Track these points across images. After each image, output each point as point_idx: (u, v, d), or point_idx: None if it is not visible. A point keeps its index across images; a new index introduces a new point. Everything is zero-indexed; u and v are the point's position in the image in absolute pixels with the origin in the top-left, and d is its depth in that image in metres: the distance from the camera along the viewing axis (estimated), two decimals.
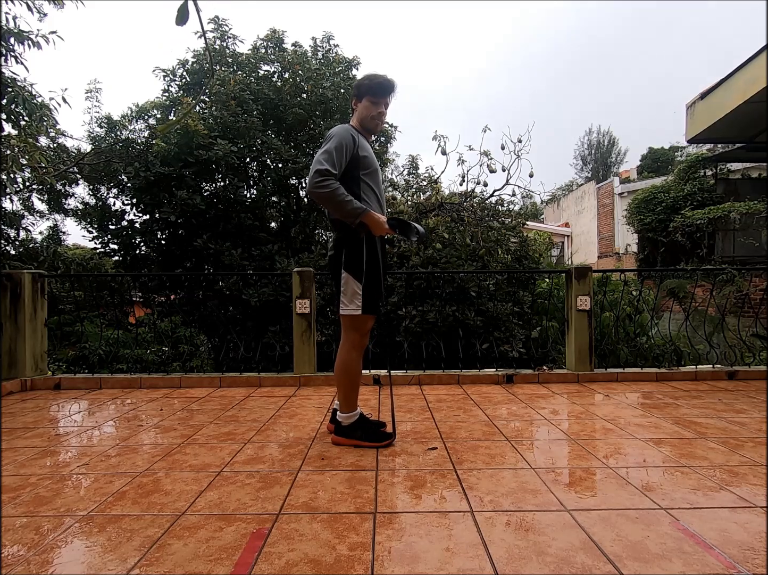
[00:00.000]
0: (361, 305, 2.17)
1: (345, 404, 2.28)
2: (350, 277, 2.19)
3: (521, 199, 9.09)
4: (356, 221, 2.10)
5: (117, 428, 2.69)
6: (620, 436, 2.39)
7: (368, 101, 2.24)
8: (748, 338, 4.67)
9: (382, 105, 2.27)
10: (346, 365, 2.26)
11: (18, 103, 5.06)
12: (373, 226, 2.14)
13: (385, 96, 2.27)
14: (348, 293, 2.19)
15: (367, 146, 2.27)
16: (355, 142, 2.16)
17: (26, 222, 9.50)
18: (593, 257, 19.52)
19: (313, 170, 2.04)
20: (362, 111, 2.26)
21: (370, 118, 2.26)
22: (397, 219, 2.21)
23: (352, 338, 2.25)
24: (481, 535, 1.42)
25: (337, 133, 2.14)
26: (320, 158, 2.06)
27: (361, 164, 2.20)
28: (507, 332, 5.55)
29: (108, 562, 1.31)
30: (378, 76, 2.25)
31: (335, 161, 2.06)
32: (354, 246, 2.19)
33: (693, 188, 11.72)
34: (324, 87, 6.99)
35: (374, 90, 2.24)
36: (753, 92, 7.81)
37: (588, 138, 32.93)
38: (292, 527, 1.48)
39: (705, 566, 1.25)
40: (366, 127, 2.29)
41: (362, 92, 2.25)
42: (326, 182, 2.02)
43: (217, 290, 6.10)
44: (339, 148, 2.09)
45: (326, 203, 2.09)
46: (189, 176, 6.27)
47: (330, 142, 2.10)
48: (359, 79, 2.30)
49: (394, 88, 2.28)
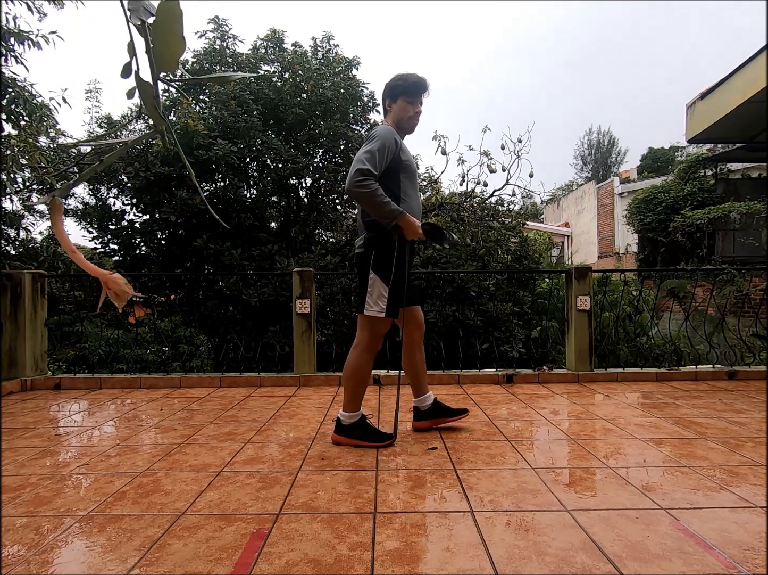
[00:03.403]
0: (385, 308, 2.16)
1: (349, 404, 2.28)
2: (378, 278, 2.18)
3: (521, 199, 9.12)
4: (392, 222, 2.11)
5: (117, 428, 2.69)
6: (620, 436, 2.39)
7: (403, 101, 2.26)
8: (748, 338, 4.67)
9: (417, 104, 2.29)
10: (357, 367, 2.25)
11: (18, 103, 5.06)
12: (407, 229, 2.15)
13: (419, 95, 2.29)
14: (374, 295, 2.18)
15: (407, 149, 2.29)
16: (397, 144, 2.19)
17: (26, 222, 9.49)
18: (593, 257, 19.52)
19: (354, 168, 2.05)
20: (398, 112, 2.27)
21: (408, 118, 2.28)
22: (431, 224, 2.23)
23: (368, 340, 2.24)
24: (481, 535, 1.42)
25: (381, 134, 2.14)
26: (362, 157, 2.07)
27: (402, 167, 2.22)
28: (507, 332, 5.55)
29: (108, 562, 1.31)
30: (411, 75, 2.27)
31: (377, 162, 2.07)
32: (385, 248, 2.19)
33: (693, 188, 11.72)
34: (324, 87, 6.98)
35: (409, 90, 2.25)
36: (753, 92, 7.81)
37: (588, 138, 32.95)
38: (292, 527, 1.48)
39: (705, 566, 1.25)
40: (402, 128, 2.31)
41: (397, 93, 2.26)
42: (366, 181, 2.03)
43: (217, 290, 6.10)
44: (382, 149, 2.10)
45: (364, 202, 2.10)
46: (189, 176, 6.26)
47: (373, 142, 2.11)
48: (392, 80, 2.30)
49: (428, 86, 2.30)
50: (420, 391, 2.48)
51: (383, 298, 2.16)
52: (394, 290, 2.18)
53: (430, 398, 2.48)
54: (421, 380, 2.48)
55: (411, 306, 2.38)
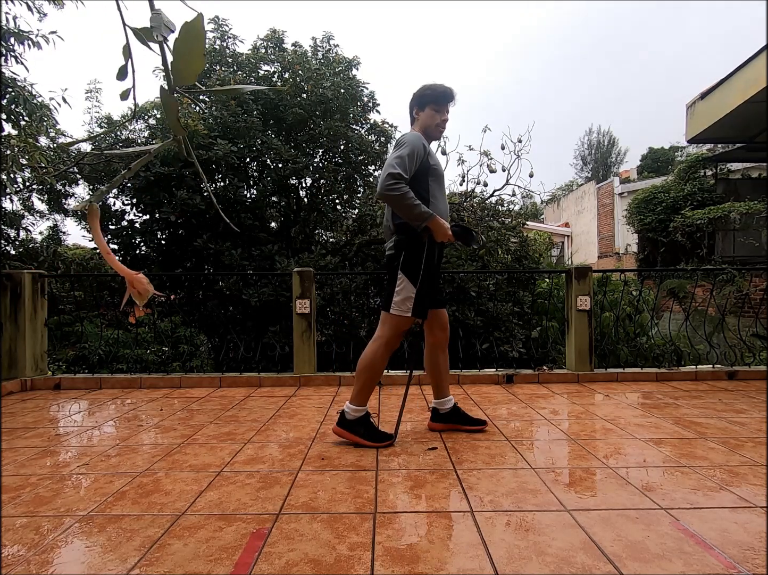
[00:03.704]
0: (411, 308, 2.23)
1: (356, 397, 2.29)
2: (407, 279, 2.25)
3: (521, 199, 9.12)
4: (422, 224, 2.18)
5: (117, 428, 2.69)
6: (620, 436, 2.39)
7: (431, 110, 2.35)
8: (748, 338, 4.67)
9: (444, 112, 2.39)
10: (373, 360, 2.28)
11: (18, 103, 5.06)
12: (437, 231, 2.21)
13: (446, 104, 2.39)
14: (402, 295, 2.25)
15: (435, 154, 2.39)
16: (425, 150, 2.27)
17: (26, 222, 9.49)
18: (593, 257, 19.52)
19: (386, 172, 2.14)
20: (426, 120, 2.36)
21: (435, 126, 2.37)
22: (461, 226, 2.31)
23: (389, 336, 2.28)
24: (481, 535, 1.42)
25: (410, 140, 2.23)
26: (393, 161, 2.16)
27: (431, 171, 2.31)
28: (507, 332, 5.55)
29: (108, 562, 1.31)
30: (439, 85, 2.38)
31: (407, 166, 2.16)
32: (414, 249, 2.26)
33: (693, 188, 11.72)
34: (324, 87, 6.98)
35: (437, 99, 2.35)
36: (753, 92, 7.81)
37: (588, 138, 32.95)
38: (292, 527, 1.48)
39: (705, 566, 1.25)
40: (429, 135, 2.39)
41: (425, 102, 2.36)
42: (397, 185, 2.11)
43: (217, 290, 6.10)
44: (411, 154, 2.18)
45: (396, 204, 2.18)
46: (189, 176, 6.27)
47: (403, 148, 2.20)
48: (420, 89, 2.39)
49: (455, 96, 2.40)
50: (441, 393, 2.51)
51: (410, 299, 2.23)
52: (422, 291, 2.24)
53: (451, 401, 2.50)
54: (443, 383, 2.51)
55: (437, 308, 2.43)
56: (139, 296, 0.86)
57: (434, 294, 2.38)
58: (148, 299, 0.86)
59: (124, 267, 0.85)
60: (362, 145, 7.24)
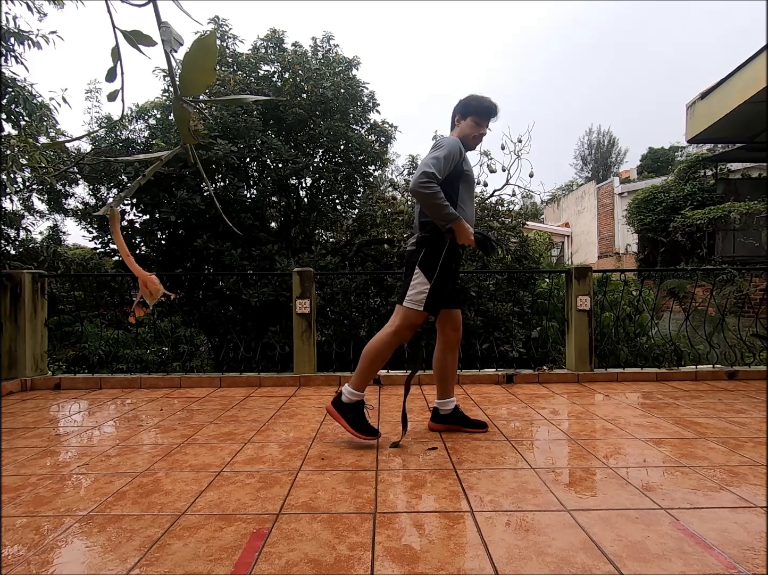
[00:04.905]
0: (423, 303, 2.26)
1: (356, 379, 2.30)
2: (423, 275, 2.29)
3: (521, 199, 9.11)
4: (447, 225, 2.23)
5: (117, 428, 2.69)
6: (620, 436, 2.39)
7: (472, 121, 2.39)
8: (748, 338, 4.67)
9: (484, 126, 2.43)
10: (379, 348, 2.29)
11: (18, 103, 5.07)
12: (461, 233, 2.26)
13: (489, 119, 2.44)
14: (416, 289, 2.28)
15: (469, 160, 2.44)
16: (461, 155, 2.32)
17: (26, 222, 9.50)
18: (593, 257, 19.51)
19: (421, 170, 2.18)
20: (465, 129, 2.40)
21: (472, 137, 2.42)
22: (483, 235, 2.34)
23: (399, 326, 2.30)
24: (481, 535, 1.42)
25: (449, 144, 2.28)
26: (429, 161, 2.20)
27: (463, 177, 2.35)
28: (507, 332, 5.55)
29: (108, 562, 1.31)
30: (486, 99, 2.41)
31: (441, 167, 2.20)
32: (435, 248, 2.30)
33: (693, 188, 11.71)
34: (324, 87, 6.98)
35: (480, 112, 2.39)
36: (753, 92, 7.80)
37: (588, 138, 32.96)
38: (292, 527, 1.48)
39: (705, 566, 1.25)
40: (465, 144, 2.42)
41: (468, 111, 2.40)
42: (430, 183, 2.15)
43: (217, 290, 6.10)
44: (447, 157, 2.23)
45: (425, 202, 2.21)
46: (189, 176, 6.27)
47: (440, 150, 2.25)
48: (466, 98, 2.42)
49: (498, 112, 2.43)
50: (444, 394, 2.51)
51: (423, 293, 2.26)
52: (436, 288, 2.27)
53: (452, 403, 2.50)
54: (448, 383, 2.52)
55: (452, 309, 2.45)
56: (150, 296, 0.89)
57: (451, 294, 2.41)
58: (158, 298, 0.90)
59: (140, 268, 0.89)
60: (362, 145, 7.24)
